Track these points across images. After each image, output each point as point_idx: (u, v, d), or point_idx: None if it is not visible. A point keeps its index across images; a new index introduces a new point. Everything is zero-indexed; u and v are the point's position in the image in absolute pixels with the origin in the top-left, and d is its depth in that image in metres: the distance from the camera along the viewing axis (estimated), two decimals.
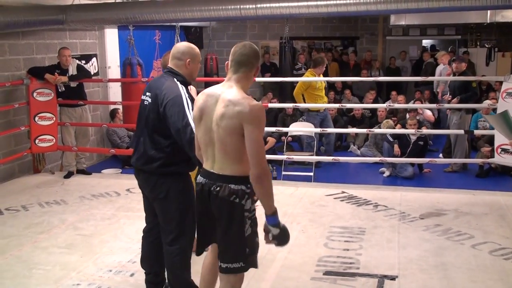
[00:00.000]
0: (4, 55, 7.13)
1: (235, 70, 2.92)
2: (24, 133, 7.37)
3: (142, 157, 3.40)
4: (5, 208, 5.86)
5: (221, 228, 2.89)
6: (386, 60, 13.51)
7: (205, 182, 2.89)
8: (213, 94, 2.90)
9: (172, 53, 3.41)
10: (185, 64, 3.37)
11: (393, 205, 5.81)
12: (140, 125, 3.48)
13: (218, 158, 2.84)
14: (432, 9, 6.21)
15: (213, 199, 2.85)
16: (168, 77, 3.39)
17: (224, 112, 2.77)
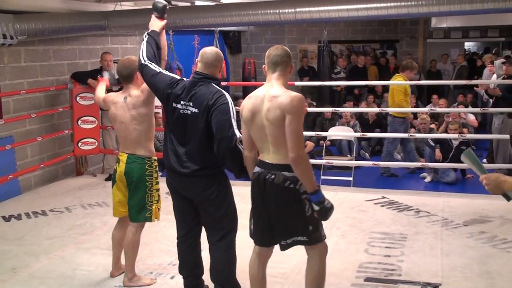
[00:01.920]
0: (49, 60, 7.33)
1: (273, 70, 3.18)
2: (68, 136, 7.55)
3: (189, 164, 3.36)
4: (49, 210, 6.00)
5: (279, 212, 3.14)
6: (426, 63, 13.27)
7: (261, 172, 3.15)
8: (258, 95, 3.16)
9: (206, 60, 3.37)
10: (219, 70, 3.42)
11: (436, 211, 5.68)
12: (181, 133, 3.39)
13: (272, 150, 3.10)
14: (476, 11, 6.08)
15: (269, 186, 3.09)
16: (204, 83, 3.35)
17: (269, 106, 3.04)
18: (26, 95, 6.88)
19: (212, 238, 3.51)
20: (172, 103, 3.39)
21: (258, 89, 3.20)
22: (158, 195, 4.07)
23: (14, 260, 4.60)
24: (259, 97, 3.13)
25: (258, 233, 3.30)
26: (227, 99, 3.26)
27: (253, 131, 3.18)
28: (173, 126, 3.44)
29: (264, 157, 3.17)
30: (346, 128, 8.91)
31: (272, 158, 3.10)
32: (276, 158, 3.08)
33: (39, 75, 7.17)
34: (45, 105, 7.29)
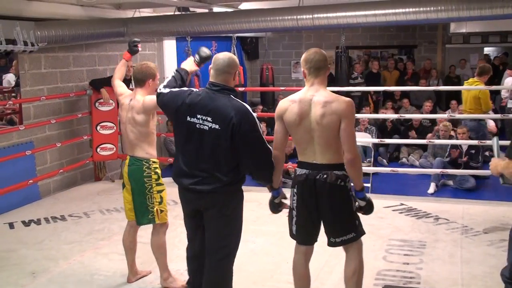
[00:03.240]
0: (69, 66, 7.42)
1: (316, 75, 3.27)
2: (87, 142, 7.62)
3: (207, 182, 3.17)
4: (68, 215, 6.06)
5: (331, 210, 3.27)
6: (445, 68, 13.15)
7: (309, 172, 3.25)
8: (304, 100, 3.24)
9: (218, 66, 3.19)
10: (233, 77, 3.24)
11: (455, 219, 5.61)
12: (197, 149, 3.18)
13: (320, 151, 3.22)
14: (496, 16, 6.00)
15: (321, 186, 3.22)
16: (226, 96, 3.16)
17: (324, 112, 3.15)
18: (46, 101, 6.97)
19: (213, 255, 3.31)
20: (186, 116, 3.16)
21: (301, 93, 3.28)
22: (161, 197, 4.04)
23: (34, 264, 4.65)
24: (306, 102, 3.21)
25: (304, 233, 3.38)
26: (252, 114, 3.12)
27: (297, 134, 3.27)
28: (187, 140, 3.20)
29: (308, 158, 3.26)
30: (364, 134, 8.87)
31: (320, 159, 3.23)
32: (325, 159, 3.22)
33: (59, 81, 7.26)
34: (64, 111, 7.37)
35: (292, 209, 3.39)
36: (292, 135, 3.34)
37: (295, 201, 3.34)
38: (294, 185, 3.34)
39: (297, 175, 3.32)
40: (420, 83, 11.37)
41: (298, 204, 3.34)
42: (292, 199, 3.37)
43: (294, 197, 3.35)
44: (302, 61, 3.32)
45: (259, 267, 4.49)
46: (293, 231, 3.41)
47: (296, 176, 3.34)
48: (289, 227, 3.44)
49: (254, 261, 4.62)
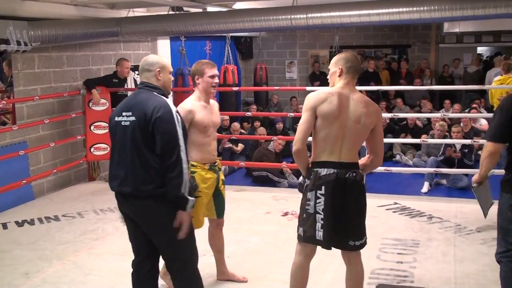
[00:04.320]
0: (62, 66, 7.40)
1: (353, 76, 3.30)
2: (80, 141, 7.60)
3: (132, 182, 3.02)
4: (62, 215, 6.04)
5: (355, 210, 3.28)
6: (439, 68, 13.20)
7: (338, 171, 3.18)
8: (343, 95, 3.22)
9: (141, 66, 3.19)
10: (155, 75, 3.15)
11: (449, 217, 5.64)
12: (121, 148, 3.07)
13: (346, 149, 3.21)
14: (489, 16, 6.04)
15: (351, 185, 3.21)
16: (146, 91, 3.12)
17: (366, 112, 3.19)
18: (39, 101, 6.95)
19: (170, 268, 3.23)
20: (114, 117, 3.13)
21: (336, 88, 3.26)
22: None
23: (27, 265, 4.63)
24: (345, 97, 3.20)
25: (331, 236, 3.23)
26: (168, 104, 3.01)
27: (330, 128, 3.18)
28: (113, 140, 3.15)
29: (333, 156, 3.19)
30: None
31: (346, 157, 3.20)
32: (351, 157, 3.22)
33: (53, 81, 7.24)
34: (58, 111, 7.35)
35: (316, 212, 3.20)
36: (321, 130, 3.20)
37: (321, 204, 3.18)
38: (320, 186, 3.18)
39: (323, 175, 3.18)
40: (414, 83, 11.41)
41: (326, 206, 3.18)
42: (316, 202, 3.19)
43: (317, 199, 3.19)
44: (340, 59, 3.29)
45: (254, 267, 4.49)
46: (319, 236, 3.21)
47: (320, 176, 3.19)
48: (309, 233, 3.24)
49: (248, 260, 4.63)
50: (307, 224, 3.24)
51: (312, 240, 3.26)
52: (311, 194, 3.21)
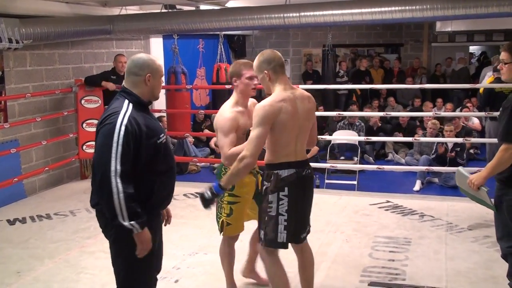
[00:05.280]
0: (54, 64, 7.36)
1: (282, 72, 3.28)
2: (73, 139, 7.58)
3: (91, 194, 2.86)
4: (54, 213, 6.02)
5: (310, 204, 3.43)
6: (431, 67, 13.26)
7: (297, 170, 3.23)
8: (291, 98, 3.20)
9: (127, 68, 2.82)
10: (144, 80, 2.77)
11: (440, 216, 5.67)
12: None
13: (300, 148, 3.28)
14: (481, 15, 6.07)
15: (309, 181, 3.35)
16: (119, 97, 2.79)
17: (310, 107, 3.29)
18: (31, 99, 6.92)
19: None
20: None
21: (281, 93, 3.17)
22: (231, 209, 3.64)
23: (19, 263, 4.61)
24: (293, 100, 3.20)
25: (293, 235, 3.28)
26: (116, 117, 2.64)
27: (287, 132, 3.17)
28: None
29: (290, 157, 3.22)
30: (351, 132, 8.91)
31: (301, 156, 3.27)
32: (304, 155, 3.32)
33: (45, 79, 7.20)
34: (50, 109, 7.32)
35: (279, 214, 3.18)
36: (279, 135, 3.15)
37: (284, 205, 3.17)
38: (282, 188, 3.17)
39: (285, 177, 3.17)
40: (406, 81, 11.45)
41: (290, 207, 3.18)
42: (278, 203, 3.17)
43: (280, 201, 3.17)
44: (261, 63, 3.20)
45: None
46: (281, 239, 3.20)
47: (282, 178, 3.17)
48: (269, 236, 3.23)
49: (241, 259, 4.62)
50: (269, 227, 3.23)
51: (273, 243, 3.24)
52: (273, 196, 3.19)
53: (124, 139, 2.60)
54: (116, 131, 2.60)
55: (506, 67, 3.27)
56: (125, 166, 2.58)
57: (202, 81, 11.40)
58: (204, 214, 5.70)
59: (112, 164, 2.56)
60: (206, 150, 9.45)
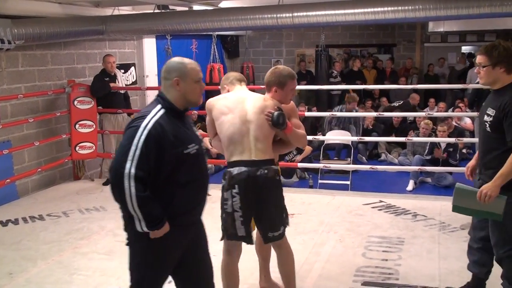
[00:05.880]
0: (47, 65, 7.34)
1: (240, 83, 3.68)
2: (65, 140, 7.55)
3: None
4: (46, 214, 5.99)
5: (271, 204, 3.34)
6: (424, 67, 13.31)
7: (249, 169, 3.22)
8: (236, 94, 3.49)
9: (161, 71, 2.78)
10: (172, 84, 2.70)
11: (433, 215, 5.69)
12: None
13: (260, 147, 3.30)
14: (472, 15, 6.10)
15: (263, 181, 3.25)
16: (155, 101, 2.75)
17: (266, 104, 3.34)
18: (23, 100, 6.89)
19: None
20: None
21: (231, 92, 3.55)
22: None
23: (11, 265, 4.59)
24: (240, 96, 3.43)
25: (247, 232, 3.31)
26: (142, 122, 2.58)
27: (228, 132, 3.30)
28: None
29: (244, 156, 3.26)
30: (344, 132, 8.93)
31: (260, 156, 3.28)
32: (264, 155, 3.30)
33: (37, 79, 7.18)
34: (42, 110, 7.29)
35: (234, 211, 3.24)
36: (224, 135, 3.33)
37: (237, 202, 3.23)
38: (233, 185, 3.22)
39: (235, 175, 3.22)
40: (399, 81, 11.49)
41: (242, 204, 3.23)
42: (232, 200, 3.23)
43: (233, 198, 3.23)
44: (224, 80, 3.69)
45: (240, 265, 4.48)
46: (241, 233, 3.28)
47: (233, 176, 3.23)
48: (230, 231, 3.29)
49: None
50: (228, 223, 3.30)
51: (234, 237, 3.33)
52: (227, 193, 3.26)
53: (144, 144, 2.53)
54: (138, 134, 2.54)
55: (484, 70, 3.25)
56: (141, 171, 2.51)
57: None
58: None
59: (127, 167, 2.50)
60: None
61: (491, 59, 3.21)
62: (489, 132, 3.26)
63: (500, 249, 3.34)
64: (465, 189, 3.34)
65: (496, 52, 3.20)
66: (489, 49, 3.23)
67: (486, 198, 3.17)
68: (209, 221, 3.82)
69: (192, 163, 2.69)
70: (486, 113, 3.26)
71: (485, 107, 3.32)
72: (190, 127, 2.83)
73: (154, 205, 2.59)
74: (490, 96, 3.38)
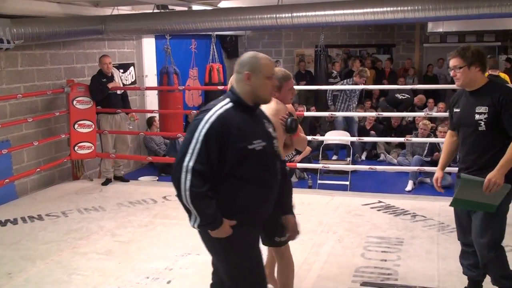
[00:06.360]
0: (46, 64, 7.33)
1: None
2: (64, 140, 7.54)
3: None
4: (45, 214, 5.99)
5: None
6: (423, 67, 13.31)
7: None
8: None
9: (235, 65, 2.75)
10: (243, 77, 2.63)
11: (432, 216, 5.69)
12: None
13: None
14: (472, 16, 6.11)
15: None
16: (225, 94, 2.72)
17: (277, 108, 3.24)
18: (22, 99, 6.88)
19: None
20: None
21: None
22: None
23: (10, 264, 4.58)
24: None
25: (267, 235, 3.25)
26: (205, 115, 2.55)
27: None
28: None
29: None
30: (343, 132, 8.93)
31: None
32: None
33: (36, 79, 7.17)
34: (41, 109, 7.29)
35: None
36: None
37: None
38: None
39: None
40: (398, 82, 11.49)
41: None
42: None
43: None
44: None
45: None
46: None
47: None
48: None
49: None
50: None
51: None
52: None
53: (204, 137, 2.49)
54: (199, 127, 2.50)
55: (461, 72, 3.28)
56: (199, 164, 2.47)
57: (194, 81, 11.39)
58: None
59: (186, 160, 2.49)
60: None
61: (465, 60, 3.26)
62: (484, 131, 3.27)
63: (490, 251, 3.35)
64: (472, 180, 3.32)
65: (469, 52, 3.26)
66: (462, 51, 3.29)
67: (495, 186, 3.18)
68: None
69: (257, 160, 2.58)
70: (477, 113, 3.26)
71: (469, 108, 3.32)
72: (261, 123, 2.72)
73: (209, 202, 2.51)
74: (468, 98, 3.37)
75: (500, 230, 3.38)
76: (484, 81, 3.32)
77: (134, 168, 8.97)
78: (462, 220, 3.58)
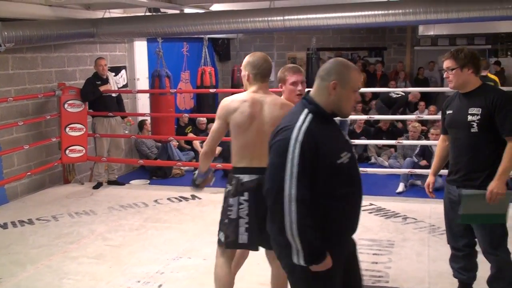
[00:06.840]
0: (37, 67, 7.30)
1: (263, 81, 3.26)
2: (55, 144, 7.50)
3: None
4: (36, 218, 5.96)
5: None
6: (414, 70, 13.38)
7: (260, 177, 2.97)
8: (256, 100, 3.20)
9: (319, 69, 2.51)
10: (327, 86, 2.39)
11: (423, 218, 5.72)
12: None
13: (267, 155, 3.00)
14: (462, 19, 6.15)
15: None
16: (299, 104, 2.46)
17: (282, 113, 2.91)
18: (13, 103, 6.84)
19: None
20: None
21: (251, 93, 3.23)
22: None
23: (0, 269, 4.55)
24: (259, 102, 3.20)
25: (251, 238, 3.21)
26: (292, 131, 2.29)
27: (245, 136, 3.18)
28: None
29: (254, 162, 3.14)
30: None
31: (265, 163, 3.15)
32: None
33: (27, 82, 7.14)
34: (32, 113, 7.25)
35: (239, 217, 3.18)
36: (237, 138, 3.21)
37: (244, 209, 3.16)
38: (242, 193, 3.16)
39: (245, 182, 3.16)
40: (389, 85, 11.53)
41: (250, 211, 3.16)
42: (238, 207, 3.18)
43: (240, 205, 3.17)
44: (247, 64, 3.26)
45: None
46: (242, 240, 3.20)
47: (242, 183, 3.16)
48: (230, 238, 3.22)
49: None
50: (230, 229, 3.23)
51: (233, 245, 3.27)
52: (234, 200, 3.20)
53: (300, 159, 2.24)
54: (290, 149, 2.25)
55: (454, 73, 3.30)
56: (302, 191, 2.23)
57: (186, 85, 11.38)
58: (188, 218, 5.71)
59: (286, 188, 2.23)
60: (190, 154, 9.44)
61: (458, 62, 3.28)
62: (476, 133, 3.29)
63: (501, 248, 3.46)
64: (472, 194, 3.32)
65: (462, 54, 3.29)
66: (455, 53, 3.31)
67: (496, 197, 3.21)
68: (200, 225, 3.83)
69: (345, 174, 2.39)
70: (470, 114, 3.28)
71: (462, 109, 3.34)
72: (340, 132, 2.52)
73: (316, 234, 2.27)
74: (461, 100, 3.39)
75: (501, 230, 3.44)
76: (478, 84, 3.33)
77: (125, 172, 8.93)
78: (452, 223, 3.59)
